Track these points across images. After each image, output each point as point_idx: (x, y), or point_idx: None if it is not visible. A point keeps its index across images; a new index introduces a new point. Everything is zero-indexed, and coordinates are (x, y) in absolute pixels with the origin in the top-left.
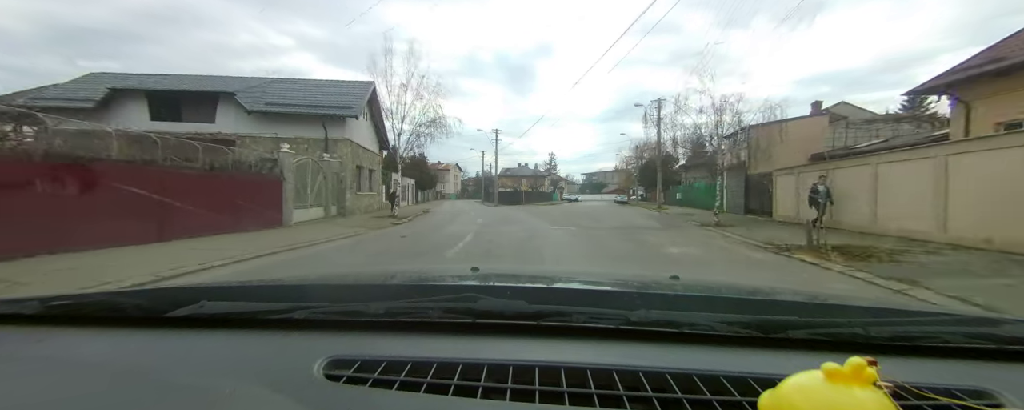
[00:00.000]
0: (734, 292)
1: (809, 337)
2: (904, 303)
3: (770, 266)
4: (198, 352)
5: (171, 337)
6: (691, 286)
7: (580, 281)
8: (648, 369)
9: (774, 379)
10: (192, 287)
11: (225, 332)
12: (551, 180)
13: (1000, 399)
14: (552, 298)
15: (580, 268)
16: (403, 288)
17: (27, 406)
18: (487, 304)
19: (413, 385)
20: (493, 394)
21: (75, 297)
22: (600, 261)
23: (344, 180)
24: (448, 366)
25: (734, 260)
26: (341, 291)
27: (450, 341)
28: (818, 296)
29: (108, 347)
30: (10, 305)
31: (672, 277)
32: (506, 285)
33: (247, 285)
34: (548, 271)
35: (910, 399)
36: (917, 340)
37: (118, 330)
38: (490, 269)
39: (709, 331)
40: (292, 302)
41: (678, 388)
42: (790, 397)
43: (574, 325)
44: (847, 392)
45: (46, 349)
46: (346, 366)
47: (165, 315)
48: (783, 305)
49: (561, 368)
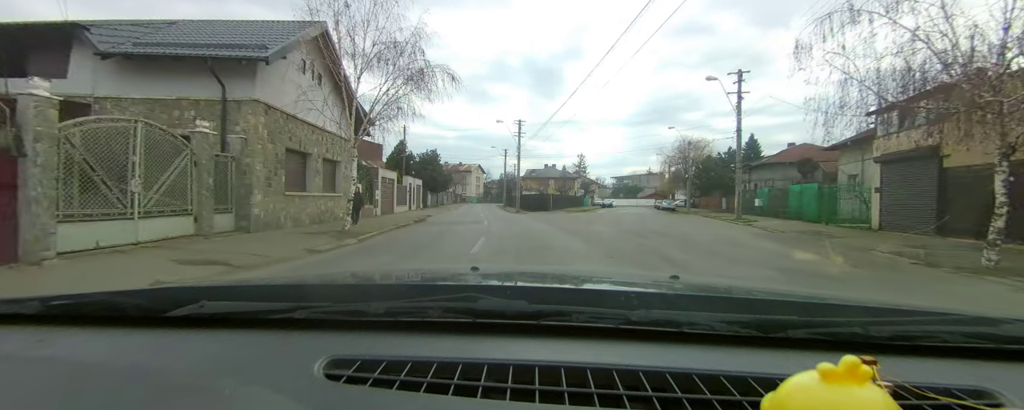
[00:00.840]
0: (734, 292)
1: (809, 337)
2: (904, 303)
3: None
4: (198, 352)
5: (171, 337)
6: (691, 286)
7: (580, 281)
8: (648, 369)
9: (774, 379)
10: (192, 287)
11: (225, 332)
12: (581, 183)
13: (1000, 399)
14: (552, 298)
15: (580, 267)
16: (403, 288)
17: (27, 406)
18: (487, 304)
19: (413, 385)
20: (493, 394)
21: (75, 297)
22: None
23: (251, 171)
24: (448, 366)
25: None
26: (341, 291)
27: (450, 341)
28: (818, 296)
29: (108, 347)
30: (10, 305)
31: (672, 277)
32: (506, 285)
33: (247, 285)
34: (548, 271)
35: (910, 399)
36: (917, 339)
37: (118, 330)
38: (490, 269)
39: (709, 331)
40: (292, 302)
41: (678, 388)
42: (791, 398)
43: (574, 325)
44: (847, 392)
45: (46, 349)
46: (346, 366)
47: (165, 315)
48: (783, 305)
49: (561, 368)
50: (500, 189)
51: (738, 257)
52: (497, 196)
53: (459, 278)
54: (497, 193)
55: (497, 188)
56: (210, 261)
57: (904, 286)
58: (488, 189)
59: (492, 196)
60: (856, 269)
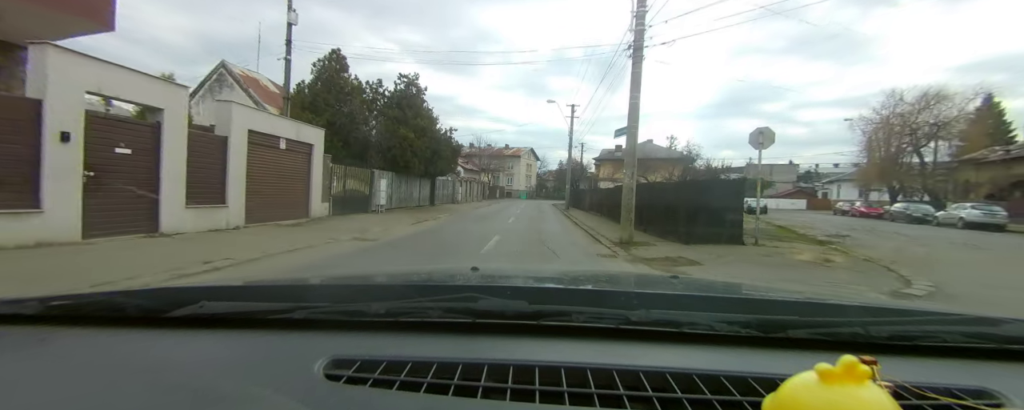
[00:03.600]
0: (734, 292)
1: (809, 337)
2: (904, 303)
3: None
4: (198, 352)
5: (171, 337)
6: (691, 286)
7: (580, 281)
8: (648, 369)
9: (774, 379)
10: (192, 287)
11: (225, 332)
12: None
13: (1001, 399)
14: (552, 298)
15: (580, 267)
16: (403, 288)
17: (27, 406)
18: (487, 304)
19: (413, 385)
20: (493, 394)
21: (75, 297)
22: None
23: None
24: (448, 366)
25: None
26: (341, 291)
27: (450, 341)
28: (818, 296)
29: (108, 347)
30: (10, 305)
31: (672, 277)
32: (506, 285)
33: (247, 285)
34: (548, 271)
35: (910, 399)
36: (917, 340)
37: (118, 330)
38: (490, 269)
39: (709, 331)
40: (292, 302)
41: (678, 388)
42: (792, 399)
43: (574, 325)
44: (848, 392)
45: (46, 349)
46: (346, 366)
47: (165, 315)
48: (783, 305)
49: (561, 368)
50: (558, 181)
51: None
52: (555, 190)
53: (459, 278)
54: (554, 186)
55: (555, 180)
56: None
57: None
58: (543, 182)
59: (549, 190)
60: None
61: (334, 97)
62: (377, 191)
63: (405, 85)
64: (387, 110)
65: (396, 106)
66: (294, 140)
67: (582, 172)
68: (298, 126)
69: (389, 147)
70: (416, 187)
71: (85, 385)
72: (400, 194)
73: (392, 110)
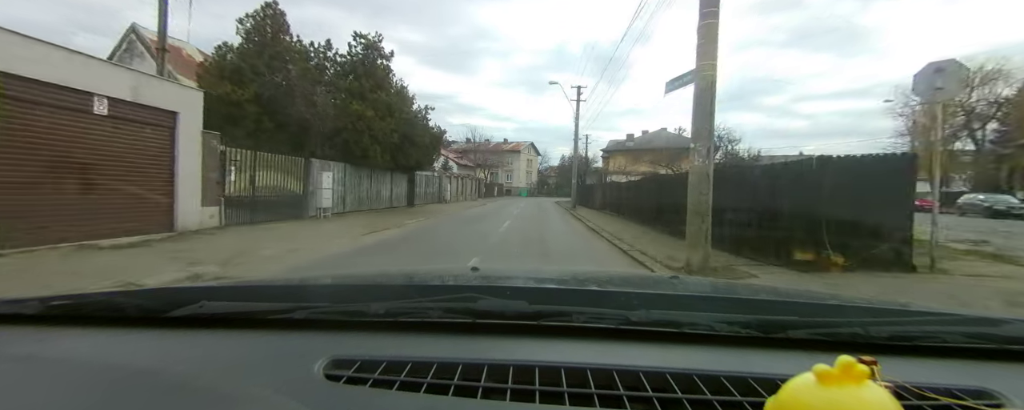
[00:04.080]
0: (734, 292)
1: (809, 337)
2: (904, 303)
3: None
4: (198, 352)
5: (171, 337)
6: (691, 286)
7: (580, 281)
8: (648, 369)
9: (774, 379)
10: (192, 287)
11: (225, 332)
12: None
13: (1001, 399)
14: (552, 298)
15: (581, 268)
16: (403, 288)
17: (27, 406)
18: (487, 304)
19: (413, 385)
20: (493, 394)
21: (75, 297)
22: None
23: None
24: (448, 366)
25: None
26: (341, 291)
27: (450, 341)
28: (818, 296)
29: (108, 347)
30: (10, 305)
31: (672, 277)
32: (506, 285)
33: (247, 285)
34: (548, 271)
35: (911, 399)
36: (917, 340)
37: (118, 330)
38: (490, 269)
39: (709, 331)
40: (292, 302)
41: (678, 388)
42: (793, 400)
43: (574, 325)
44: (849, 392)
45: (46, 349)
46: (346, 366)
47: (165, 315)
48: (783, 305)
49: (561, 368)
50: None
51: None
52: (557, 187)
53: (459, 278)
54: (556, 183)
55: (557, 176)
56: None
57: None
58: (544, 178)
59: (550, 188)
60: None
61: (266, 64)
62: (318, 189)
63: (363, 48)
64: (337, 80)
65: (350, 75)
66: (131, 102)
67: (588, 166)
68: (140, 79)
69: (338, 129)
70: (385, 184)
71: (85, 385)
72: (359, 193)
73: (343, 80)
